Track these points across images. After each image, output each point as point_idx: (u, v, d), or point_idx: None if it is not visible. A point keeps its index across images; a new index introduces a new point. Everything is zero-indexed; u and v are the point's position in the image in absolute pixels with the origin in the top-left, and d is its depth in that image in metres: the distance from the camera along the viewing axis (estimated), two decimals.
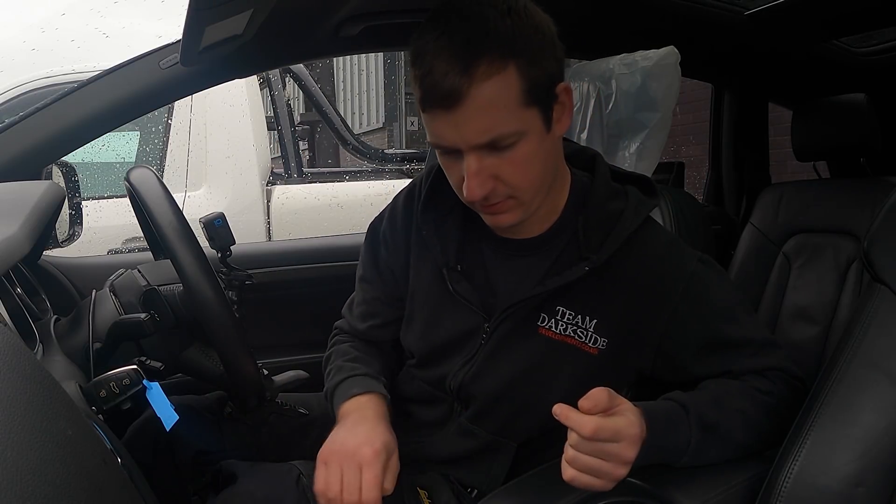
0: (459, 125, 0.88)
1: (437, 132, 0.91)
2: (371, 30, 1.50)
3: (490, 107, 0.87)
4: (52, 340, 1.11)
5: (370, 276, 1.18)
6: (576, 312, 1.01)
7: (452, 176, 0.96)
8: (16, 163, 1.36)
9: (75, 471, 0.52)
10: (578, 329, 1.01)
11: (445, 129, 0.90)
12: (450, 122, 0.89)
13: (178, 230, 1.09)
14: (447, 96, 0.86)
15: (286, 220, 3.01)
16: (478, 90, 0.86)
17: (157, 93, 1.44)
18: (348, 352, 1.17)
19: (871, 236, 0.87)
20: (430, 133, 0.93)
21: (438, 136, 0.91)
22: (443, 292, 1.06)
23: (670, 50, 1.36)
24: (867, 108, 1.70)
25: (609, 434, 0.81)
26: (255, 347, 1.14)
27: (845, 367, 0.81)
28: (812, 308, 1.72)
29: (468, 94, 0.86)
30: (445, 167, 0.97)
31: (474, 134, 0.89)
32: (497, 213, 0.97)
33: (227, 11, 1.11)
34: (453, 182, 0.97)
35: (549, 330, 1.01)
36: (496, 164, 0.91)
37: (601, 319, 1.00)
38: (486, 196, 0.92)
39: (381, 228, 1.16)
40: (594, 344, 1.00)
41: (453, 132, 0.89)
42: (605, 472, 0.81)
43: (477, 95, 0.86)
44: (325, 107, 3.50)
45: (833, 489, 0.77)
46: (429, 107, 0.89)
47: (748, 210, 1.96)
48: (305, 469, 1.07)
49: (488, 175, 0.91)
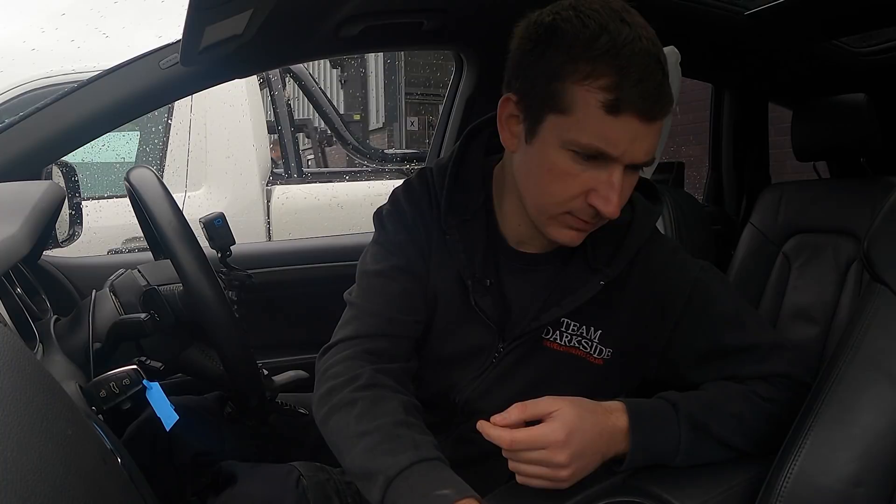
0: (640, 139, 0.84)
1: (615, 137, 0.84)
2: (371, 30, 1.50)
3: (659, 132, 0.87)
4: (52, 340, 1.11)
5: (402, 263, 1.02)
6: (581, 324, 1.00)
7: (576, 184, 0.87)
8: (16, 163, 1.36)
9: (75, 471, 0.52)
10: (583, 340, 1.00)
11: (626, 137, 0.84)
12: (637, 134, 0.84)
13: (178, 230, 1.09)
14: (661, 108, 0.84)
15: (286, 220, 3.01)
16: (665, 115, 0.86)
17: (157, 93, 1.44)
18: (382, 401, 0.93)
19: (871, 236, 0.86)
20: (596, 136, 0.84)
21: (612, 141, 0.84)
22: (463, 303, 1.01)
23: (670, 50, 1.36)
24: (867, 108, 1.70)
25: (526, 444, 0.82)
26: (255, 347, 1.14)
27: (845, 368, 0.81)
28: (812, 308, 1.72)
29: (666, 113, 0.85)
30: (568, 173, 0.87)
31: (645, 152, 0.86)
32: (584, 230, 0.93)
33: (227, 11, 1.11)
34: (572, 190, 0.88)
35: (555, 342, 1.00)
36: (628, 181, 0.89)
37: (606, 330, 0.99)
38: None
39: (388, 224, 1.06)
40: (599, 354, 1.00)
41: (632, 142, 0.84)
42: (546, 475, 0.83)
43: (663, 119, 0.86)
44: (325, 107, 3.51)
45: (833, 489, 0.77)
46: (628, 112, 0.82)
47: (748, 210, 1.96)
48: (305, 470, 1.07)
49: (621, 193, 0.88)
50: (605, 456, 0.86)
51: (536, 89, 0.87)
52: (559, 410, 0.84)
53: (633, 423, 0.87)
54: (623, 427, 0.87)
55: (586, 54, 0.82)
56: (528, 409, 0.83)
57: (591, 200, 0.87)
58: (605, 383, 1.01)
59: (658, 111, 0.84)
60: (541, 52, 0.86)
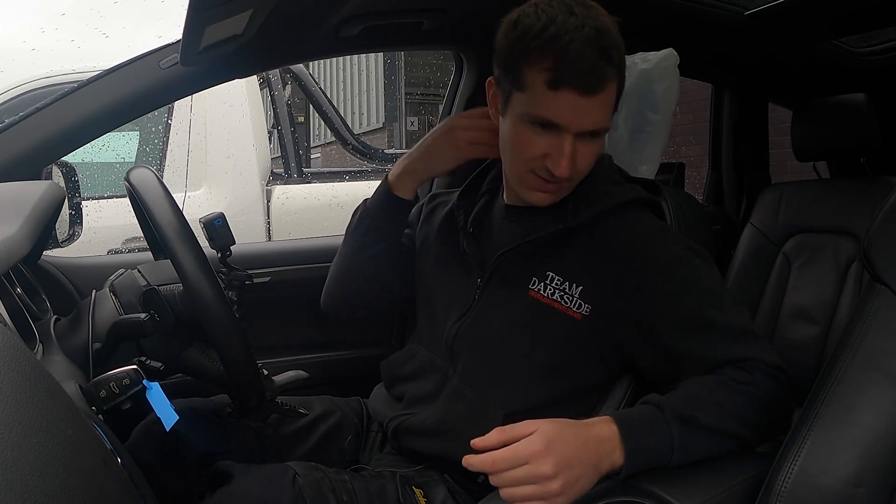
0: (584, 110, 1.00)
1: (558, 110, 1.00)
2: (371, 30, 1.50)
3: (609, 102, 1.02)
4: (52, 340, 1.11)
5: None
6: (564, 278, 1.08)
7: (533, 148, 1.04)
8: (16, 163, 1.36)
9: (75, 471, 0.52)
10: (565, 295, 1.08)
11: (569, 110, 1.00)
12: (577, 105, 0.99)
13: (178, 230, 1.09)
14: (594, 84, 0.99)
15: (286, 220, 3.01)
16: (610, 86, 1.01)
17: (157, 93, 1.44)
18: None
19: (871, 236, 0.86)
20: (544, 108, 1.01)
21: (557, 113, 1.01)
22: (452, 256, 1.21)
23: (669, 52, 1.36)
24: (867, 108, 1.71)
25: (508, 461, 0.84)
26: (255, 347, 1.14)
27: (845, 367, 0.81)
28: (812, 308, 1.72)
29: (605, 87, 1.00)
30: (527, 140, 1.04)
31: (591, 121, 1.02)
32: (553, 191, 1.08)
33: (227, 11, 1.11)
34: (532, 154, 1.05)
35: (539, 293, 1.10)
36: (581, 149, 1.03)
37: (587, 286, 1.07)
38: (569, 176, 1.04)
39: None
40: (578, 309, 1.07)
41: (575, 114, 1.00)
42: (538, 493, 0.84)
43: (608, 90, 1.01)
44: (324, 107, 3.51)
45: (833, 489, 0.77)
46: (566, 86, 0.98)
47: (748, 210, 1.96)
48: (301, 469, 1.07)
49: (574, 157, 1.03)
50: (599, 466, 0.87)
51: (506, 72, 1.05)
52: (538, 428, 0.86)
53: (623, 430, 0.88)
54: (611, 435, 0.88)
55: (535, 42, 1.00)
56: (508, 432, 0.87)
57: (546, 163, 1.04)
58: (582, 341, 1.06)
59: (593, 86, 0.99)
60: (509, 41, 1.04)
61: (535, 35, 1.00)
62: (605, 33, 0.99)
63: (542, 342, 1.09)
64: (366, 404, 1.35)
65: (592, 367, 1.09)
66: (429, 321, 1.25)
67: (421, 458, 1.17)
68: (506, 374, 1.11)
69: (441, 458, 1.14)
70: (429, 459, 1.16)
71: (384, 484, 1.11)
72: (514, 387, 1.10)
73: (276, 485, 1.04)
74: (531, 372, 1.09)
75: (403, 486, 1.12)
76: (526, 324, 1.10)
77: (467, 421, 1.10)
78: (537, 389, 1.09)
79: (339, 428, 1.31)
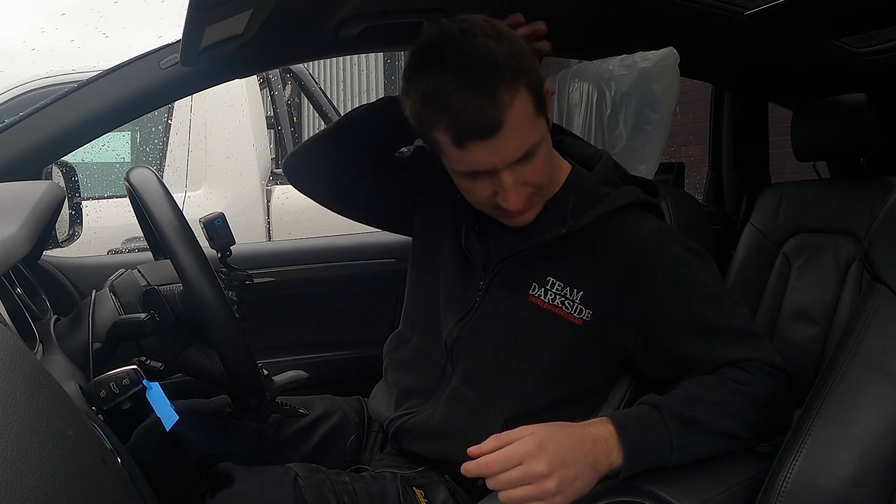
0: (499, 149, 0.97)
1: (475, 160, 0.99)
2: (371, 30, 1.50)
3: (521, 125, 0.97)
4: (52, 340, 1.11)
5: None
6: (564, 284, 1.07)
7: (480, 194, 1.04)
8: (16, 163, 1.36)
9: (75, 471, 0.52)
10: (566, 300, 1.07)
11: (484, 156, 0.98)
12: (490, 149, 0.97)
13: (178, 230, 1.09)
14: (487, 127, 0.95)
15: (286, 220, 3.00)
16: (510, 114, 0.95)
17: (157, 93, 1.44)
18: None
19: (871, 236, 0.86)
20: (463, 164, 1.00)
21: (476, 163, 0.99)
22: (454, 248, 1.18)
23: (670, 51, 1.36)
24: (867, 108, 1.71)
25: (502, 462, 0.85)
26: (255, 347, 1.14)
27: (845, 367, 0.81)
28: (812, 308, 1.72)
29: (504, 119, 0.95)
30: (470, 189, 1.05)
31: (512, 153, 0.98)
32: (522, 213, 1.06)
33: (227, 11, 1.11)
34: (482, 199, 1.05)
35: (539, 298, 1.09)
36: (525, 172, 1.01)
37: (587, 291, 1.06)
38: (528, 197, 1.03)
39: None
40: (579, 314, 1.06)
41: (492, 157, 0.98)
42: (534, 494, 0.84)
43: (510, 118, 0.95)
44: (324, 107, 3.50)
45: (833, 489, 0.77)
46: (467, 141, 0.96)
47: (748, 210, 1.96)
48: (302, 471, 1.08)
49: (521, 184, 1.01)
50: (597, 466, 0.87)
51: (424, 140, 1.07)
52: (531, 431, 0.87)
53: (620, 430, 0.89)
54: (607, 435, 0.88)
55: (424, 108, 0.99)
56: (503, 438, 0.87)
57: (498, 201, 1.03)
58: (583, 346, 1.06)
59: (491, 128, 0.95)
60: (411, 113, 1.03)
61: (421, 100, 0.99)
62: (479, 65, 0.94)
63: (542, 348, 1.08)
64: (366, 403, 1.35)
65: (592, 370, 1.08)
66: (424, 309, 1.24)
67: (422, 460, 1.17)
68: (506, 379, 1.11)
69: (442, 460, 1.14)
70: (430, 461, 1.16)
71: (385, 485, 1.12)
72: (514, 392, 1.10)
73: (278, 487, 1.04)
74: (532, 377, 1.09)
75: (404, 487, 1.12)
76: (527, 331, 1.09)
77: (468, 424, 1.10)
78: (538, 394, 1.09)
79: (341, 428, 1.31)
